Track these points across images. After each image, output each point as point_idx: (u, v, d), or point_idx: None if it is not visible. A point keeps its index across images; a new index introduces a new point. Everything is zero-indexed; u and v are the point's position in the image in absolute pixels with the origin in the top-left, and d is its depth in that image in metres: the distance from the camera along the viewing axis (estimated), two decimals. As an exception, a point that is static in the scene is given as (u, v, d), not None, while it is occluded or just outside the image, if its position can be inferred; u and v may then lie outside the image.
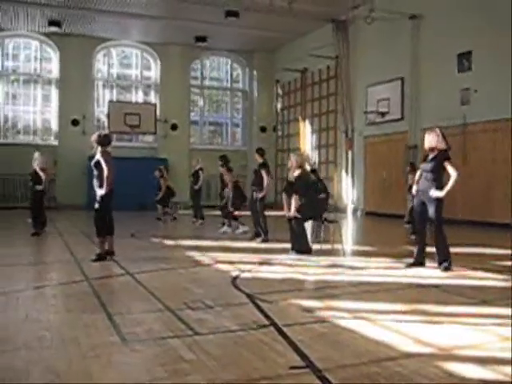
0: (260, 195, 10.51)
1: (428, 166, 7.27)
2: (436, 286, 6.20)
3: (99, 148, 7.94)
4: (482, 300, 5.46)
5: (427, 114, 15.66)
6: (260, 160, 10.83)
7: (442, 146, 7.22)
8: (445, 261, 7.15)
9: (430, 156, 7.31)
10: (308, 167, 9.50)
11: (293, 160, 8.89)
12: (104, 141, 7.99)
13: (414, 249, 7.56)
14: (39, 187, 11.32)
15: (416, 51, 16.33)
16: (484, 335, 4.27)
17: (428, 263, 7.41)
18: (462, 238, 10.76)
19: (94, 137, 8.10)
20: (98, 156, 7.88)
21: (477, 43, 14.16)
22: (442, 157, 7.19)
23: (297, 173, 8.76)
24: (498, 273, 6.97)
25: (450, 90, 14.92)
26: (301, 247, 8.56)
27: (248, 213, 11.43)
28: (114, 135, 12.76)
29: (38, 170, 11.34)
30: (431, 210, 7.14)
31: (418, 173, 7.59)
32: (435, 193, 7.07)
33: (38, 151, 12.23)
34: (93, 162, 7.99)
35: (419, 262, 7.41)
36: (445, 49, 15.12)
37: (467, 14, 14.46)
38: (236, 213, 12.34)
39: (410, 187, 8.77)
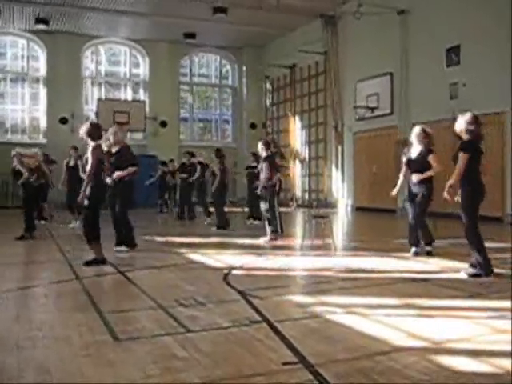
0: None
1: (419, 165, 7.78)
2: (427, 280, 6.21)
3: (91, 143, 7.22)
4: (474, 293, 5.48)
5: (416, 108, 15.70)
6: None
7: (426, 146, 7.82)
8: (427, 244, 7.85)
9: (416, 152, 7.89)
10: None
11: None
12: (95, 133, 7.25)
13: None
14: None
15: (405, 46, 16.37)
16: (476, 328, 4.28)
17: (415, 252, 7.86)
18: (454, 231, 10.75)
19: (84, 129, 7.28)
20: (89, 154, 7.24)
21: (465, 37, 14.21)
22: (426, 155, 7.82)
23: None
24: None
25: (438, 84, 14.96)
26: None
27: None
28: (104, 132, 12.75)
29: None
30: (419, 196, 7.71)
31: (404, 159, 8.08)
32: (417, 176, 7.66)
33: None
34: (85, 158, 7.72)
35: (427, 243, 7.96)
36: (433, 43, 15.17)
37: (455, 8, 14.50)
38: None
39: None
